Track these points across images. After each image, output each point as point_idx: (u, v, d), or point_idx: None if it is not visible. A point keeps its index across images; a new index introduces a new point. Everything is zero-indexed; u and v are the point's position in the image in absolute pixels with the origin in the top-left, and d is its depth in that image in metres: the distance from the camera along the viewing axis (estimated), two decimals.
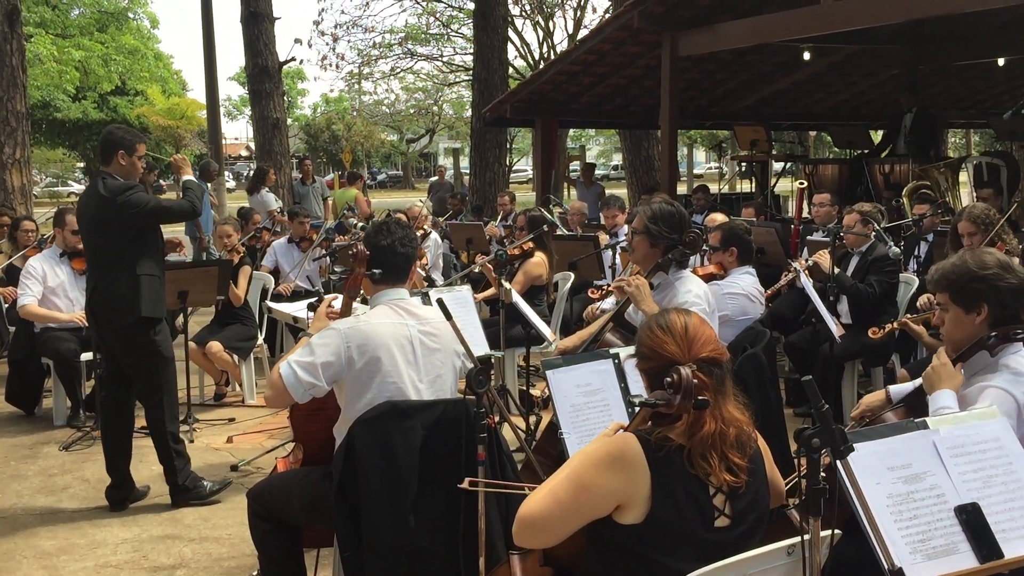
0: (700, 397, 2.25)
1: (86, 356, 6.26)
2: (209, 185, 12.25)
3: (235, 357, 6.88)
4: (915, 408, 2.99)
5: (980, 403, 2.78)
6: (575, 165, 21.95)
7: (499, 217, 10.65)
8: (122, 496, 4.90)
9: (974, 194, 12.65)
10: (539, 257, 6.62)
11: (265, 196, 11.89)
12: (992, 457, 2.39)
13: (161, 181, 41.20)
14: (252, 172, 13.62)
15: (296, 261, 8.10)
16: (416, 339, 3.29)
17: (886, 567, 2.15)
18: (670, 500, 2.23)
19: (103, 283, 4.77)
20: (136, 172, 4.82)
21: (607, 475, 2.25)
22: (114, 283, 4.72)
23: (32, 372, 6.57)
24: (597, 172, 18.88)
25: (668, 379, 2.26)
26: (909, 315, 4.68)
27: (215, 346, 6.71)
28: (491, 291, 6.41)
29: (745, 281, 5.08)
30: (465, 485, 2.85)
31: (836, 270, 5.81)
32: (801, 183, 7.65)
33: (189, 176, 5.08)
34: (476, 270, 6.71)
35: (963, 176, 11.93)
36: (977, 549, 2.26)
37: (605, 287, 5.17)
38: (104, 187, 4.68)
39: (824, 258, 5.77)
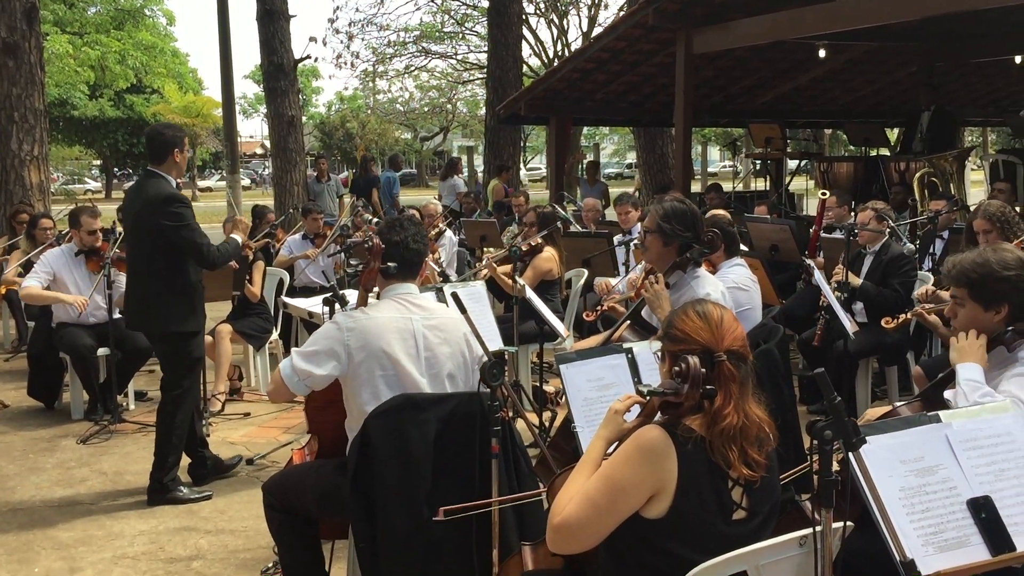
0: (708, 386, 2.26)
1: (102, 351, 6.32)
2: (397, 175, 14.10)
3: (251, 349, 6.92)
4: (931, 403, 2.99)
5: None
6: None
7: (515, 218, 10.65)
8: (203, 473, 5.16)
9: (988, 191, 12.61)
10: (548, 252, 6.62)
11: (456, 181, 13.67)
12: (1005, 451, 2.40)
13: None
14: (447, 161, 15.88)
15: (312, 258, 8.14)
16: (420, 333, 3.30)
17: (898, 559, 2.16)
18: (694, 492, 2.25)
19: (136, 291, 4.92)
20: (184, 167, 5.09)
21: (640, 469, 2.25)
22: (145, 292, 4.85)
23: (51, 366, 6.64)
24: (611, 170, 18.84)
25: (676, 368, 2.28)
26: (923, 305, 4.64)
27: (224, 329, 6.74)
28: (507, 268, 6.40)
29: (736, 273, 5.01)
30: (440, 516, 2.89)
31: (860, 281, 5.81)
32: (824, 193, 7.58)
33: (237, 237, 5.21)
34: (484, 272, 6.67)
35: (978, 175, 11.88)
36: (989, 542, 2.27)
37: (599, 309, 5.20)
38: (153, 189, 4.79)
39: (840, 275, 5.73)
